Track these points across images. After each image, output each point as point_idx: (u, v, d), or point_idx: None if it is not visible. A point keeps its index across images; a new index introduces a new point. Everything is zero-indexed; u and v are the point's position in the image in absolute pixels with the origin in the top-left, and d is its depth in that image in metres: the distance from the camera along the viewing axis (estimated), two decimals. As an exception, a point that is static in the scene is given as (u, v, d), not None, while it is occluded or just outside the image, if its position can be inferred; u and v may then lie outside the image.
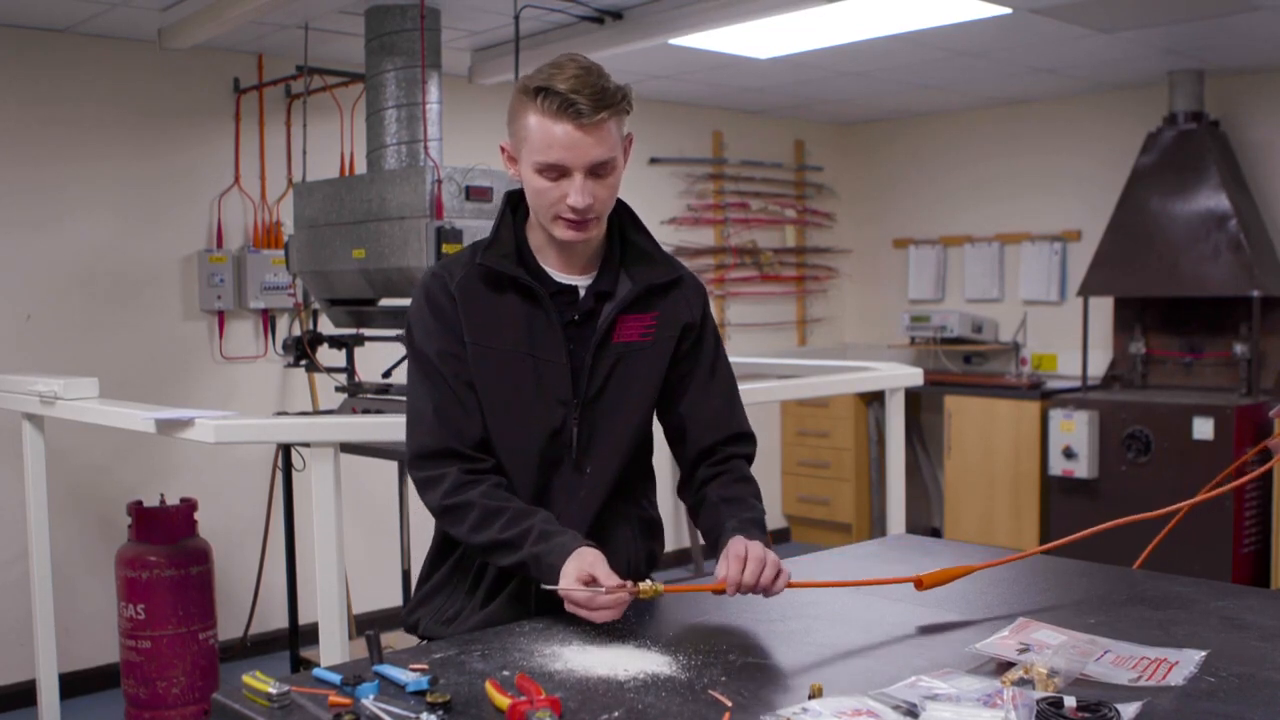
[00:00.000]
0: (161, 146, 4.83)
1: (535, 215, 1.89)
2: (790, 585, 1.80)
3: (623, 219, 1.99)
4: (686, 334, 1.99)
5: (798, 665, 1.63)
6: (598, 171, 1.82)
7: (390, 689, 1.47)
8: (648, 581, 1.71)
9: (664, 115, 6.51)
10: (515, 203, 1.98)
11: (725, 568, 1.78)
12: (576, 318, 1.92)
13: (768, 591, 1.78)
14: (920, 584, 1.89)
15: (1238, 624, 1.76)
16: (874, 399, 6.73)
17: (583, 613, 1.70)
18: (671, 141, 6.55)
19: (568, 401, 1.90)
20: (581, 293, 1.93)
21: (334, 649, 2.87)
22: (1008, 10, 4.48)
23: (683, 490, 2.07)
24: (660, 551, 2.10)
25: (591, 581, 1.69)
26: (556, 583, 1.71)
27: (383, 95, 3.93)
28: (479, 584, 1.96)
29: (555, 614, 1.87)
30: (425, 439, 1.90)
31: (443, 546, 2.02)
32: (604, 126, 1.79)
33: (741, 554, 1.77)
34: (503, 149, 1.90)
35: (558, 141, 1.78)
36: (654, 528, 2.08)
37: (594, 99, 1.76)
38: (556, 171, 1.80)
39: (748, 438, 2.07)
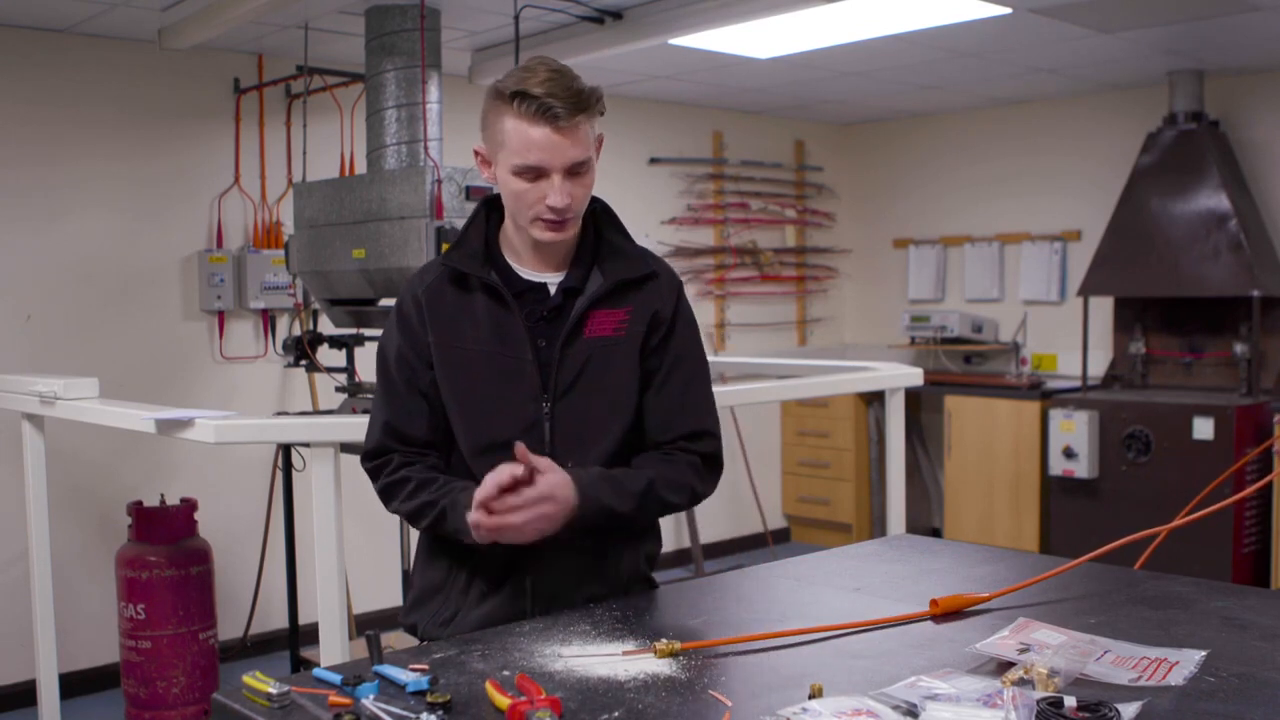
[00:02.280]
0: (161, 146, 4.83)
1: (513, 217, 1.93)
2: (803, 631, 1.72)
3: (598, 216, 2.02)
4: (655, 326, 1.98)
5: (798, 665, 1.63)
6: (575, 171, 1.85)
7: (390, 689, 1.47)
8: (663, 640, 1.62)
9: (664, 115, 6.51)
10: (490, 205, 2.01)
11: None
12: (546, 314, 1.94)
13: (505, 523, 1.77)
14: (935, 606, 1.85)
15: (1238, 624, 1.76)
16: (874, 399, 6.73)
17: (493, 522, 1.76)
18: (671, 141, 6.55)
19: (538, 397, 1.92)
20: (552, 290, 1.96)
21: (334, 649, 2.87)
22: (1008, 10, 4.48)
23: None
24: (657, 550, 2.09)
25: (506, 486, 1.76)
26: (465, 522, 1.81)
27: (383, 95, 3.93)
28: (472, 583, 1.97)
29: (555, 614, 1.88)
30: (373, 438, 2.01)
31: (432, 548, 2.03)
32: (580, 128, 1.83)
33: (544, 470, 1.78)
34: (477, 153, 1.94)
35: (535, 144, 1.81)
36: (650, 526, 2.08)
37: (570, 102, 1.80)
38: (534, 173, 1.84)
39: (705, 436, 2.01)
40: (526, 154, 1.82)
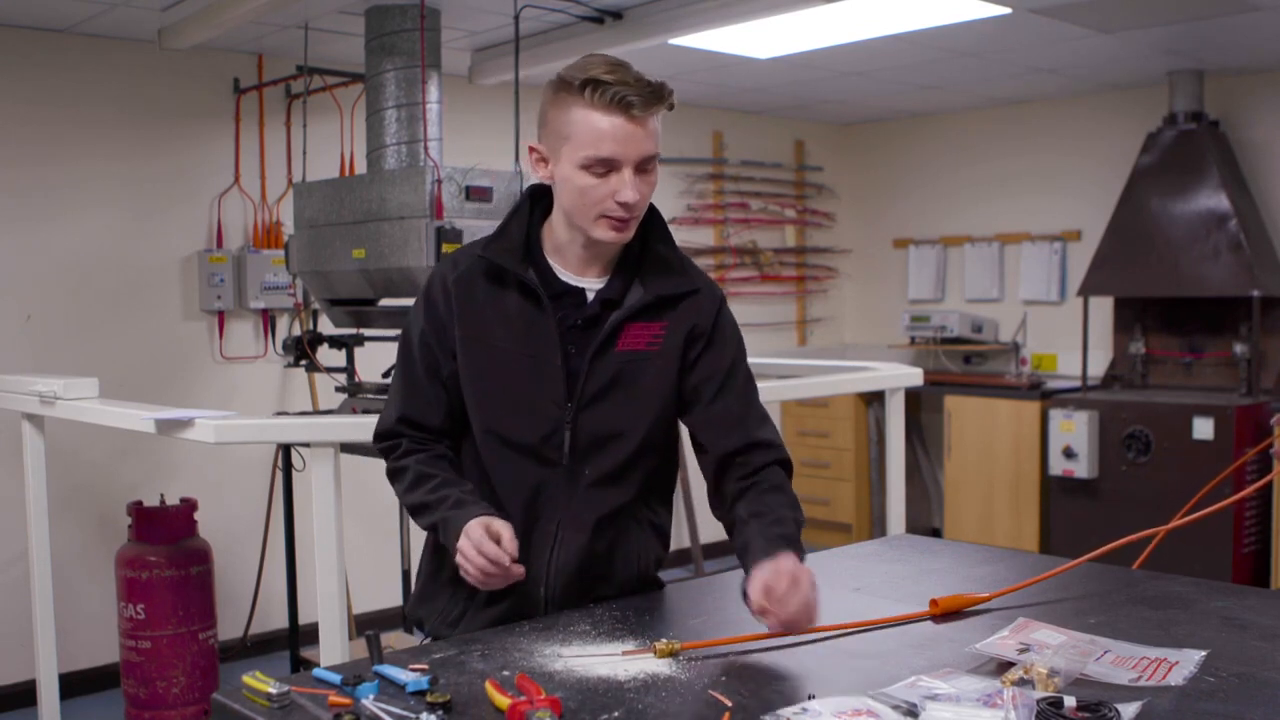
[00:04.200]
0: (161, 146, 4.83)
1: (571, 216, 1.84)
2: (803, 630, 1.71)
3: (649, 226, 1.95)
4: (694, 340, 1.92)
5: (798, 665, 1.63)
6: (644, 167, 1.79)
7: (390, 689, 1.47)
8: (664, 640, 1.63)
9: (664, 115, 6.49)
10: (537, 198, 1.94)
11: (755, 595, 1.69)
12: (580, 321, 1.88)
13: (797, 624, 1.68)
14: (935, 606, 1.85)
15: (1238, 624, 1.76)
16: (874, 399, 6.73)
17: (473, 568, 1.75)
18: (671, 141, 6.54)
19: (561, 404, 1.87)
20: (589, 296, 1.90)
21: (334, 649, 2.87)
22: (1008, 10, 4.48)
23: (713, 505, 1.99)
24: (664, 554, 2.09)
25: (498, 538, 1.75)
26: (456, 543, 1.78)
27: (383, 95, 3.93)
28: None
29: (556, 614, 1.88)
30: (386, 420, 1.98)
31: (438, 540, 2.01)
32: (650, 121, 1.77)
33: (775, 588, 1.67)
34: (532, 149, 1.86)
35: (608, 135, 1.74)
36: (661, 535, 2.05)
37: (644, 91, 1.74)
38: (605, 166, 1.76)
39: (770, 446, 1.95)
40: (599, 145, 1.74)
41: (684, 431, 2.03)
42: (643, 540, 1.99)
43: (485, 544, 1.73)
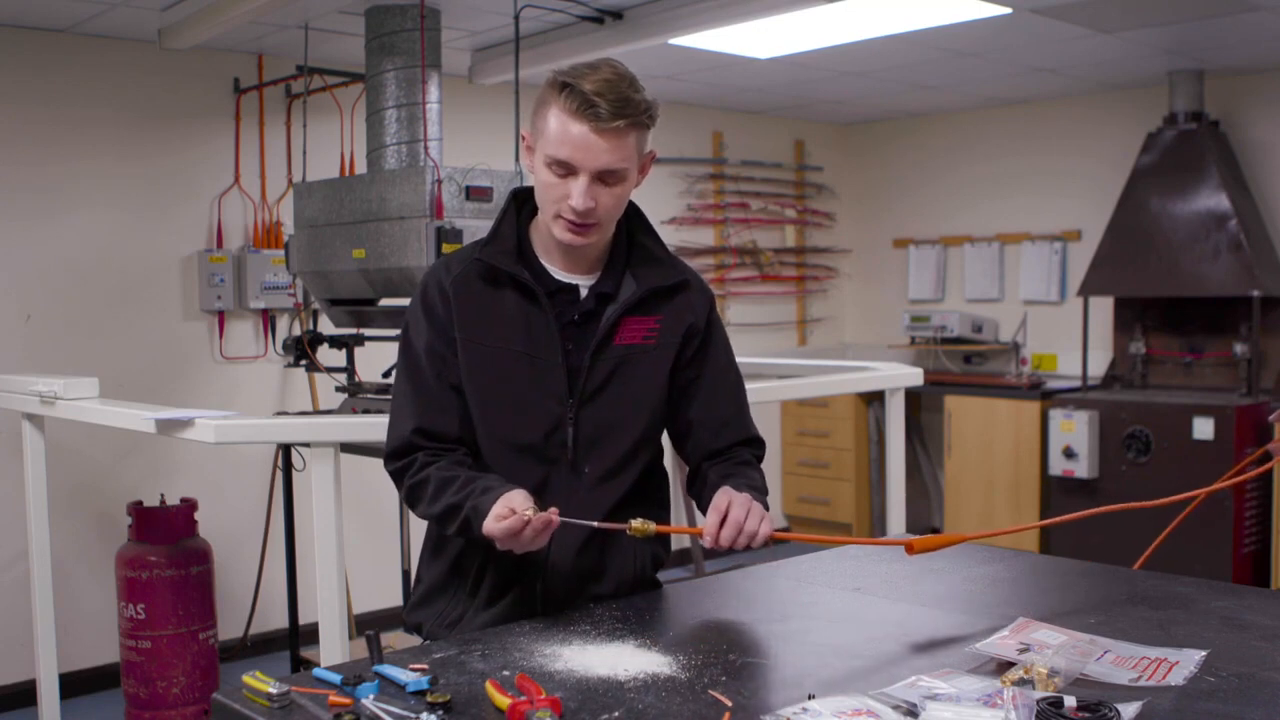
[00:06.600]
0: (161, 146, 4.83)
1: (540, 210, 1.90)
2: (777, 536, 1.85)
3: (632, 221, 1.99)
4: (690, 338, 1.98)
5: (798, 665, 1.63)
6: (605, 179, 1.82)
7: (390, 689, 1.47)
8: (638, 520, 1.75)
9: (664, 115, 6.40)
10: (521, 200, 1.98)
11: (707, 519, 1.83)
12: (577, 318, 1.91)
13: (752, 540, 1.81)
14: (911, 548, 1.91)
15: (1238, 624, 1.76)
16: (874, 399, 6.73)
17: (512, 545, 1.73)
18: (671, 141, 6.54)
19: (563, 401, 1.90)
20: (583, 293, 1.93)
21: (334, 649, 2.87)
22: (1008, 10, 4.48)
23: (690, 487, 2.09)
24: (665, 555, 2.10)
25: (510, 512, 1.71)
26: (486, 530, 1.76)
27: (383, 95, 3.93)
28: (480, 586, 1.95)
29: (556, 614, 1.88)
30: (399, 436, 1.92)
31: (437, 543, 2.01)
32: (621, 135, 1.80)
33: (722, 505, 1.82)
34: (523, 136, 1.91)
35: (571, 140, 1.78)
36: (659, 536, 2.06)
37: (615, 105, 1.77)
38: (564, 169, 1.80)
39: (755, 442, 2.08)
40: (560, 148, 1.79)
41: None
42: (639, 540, 1.99)
43: (511, 525, 1.71)
